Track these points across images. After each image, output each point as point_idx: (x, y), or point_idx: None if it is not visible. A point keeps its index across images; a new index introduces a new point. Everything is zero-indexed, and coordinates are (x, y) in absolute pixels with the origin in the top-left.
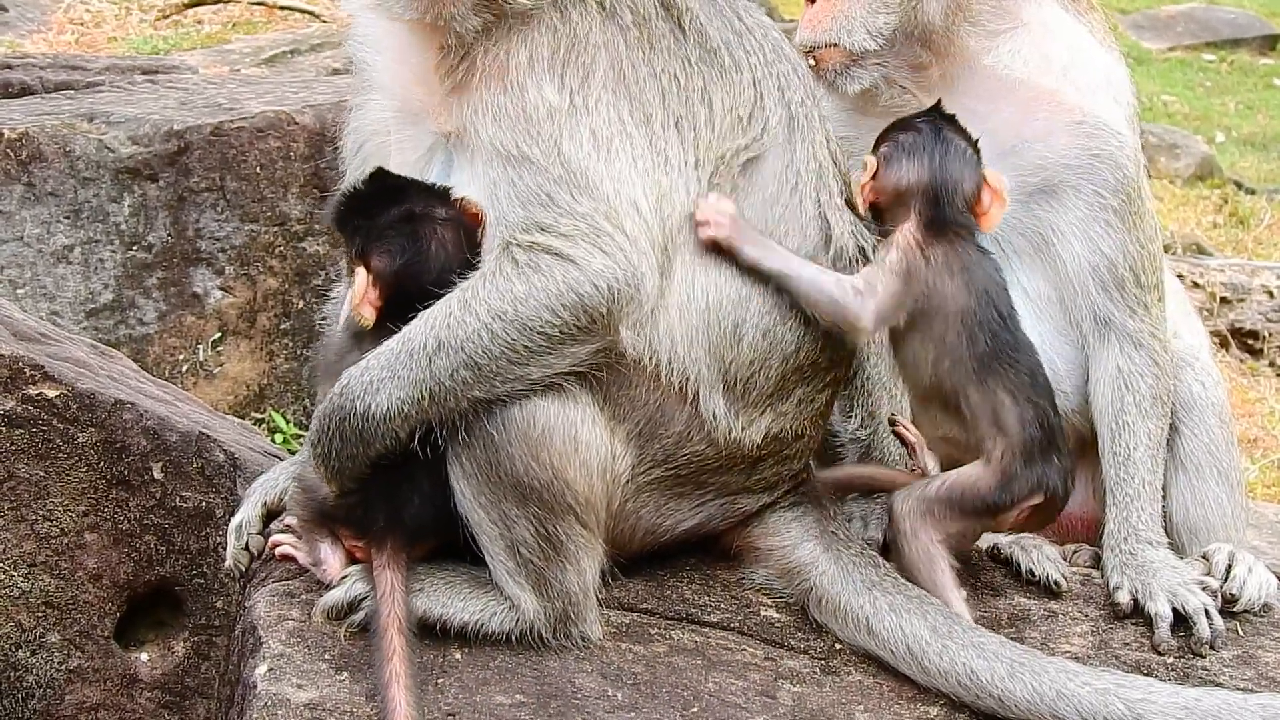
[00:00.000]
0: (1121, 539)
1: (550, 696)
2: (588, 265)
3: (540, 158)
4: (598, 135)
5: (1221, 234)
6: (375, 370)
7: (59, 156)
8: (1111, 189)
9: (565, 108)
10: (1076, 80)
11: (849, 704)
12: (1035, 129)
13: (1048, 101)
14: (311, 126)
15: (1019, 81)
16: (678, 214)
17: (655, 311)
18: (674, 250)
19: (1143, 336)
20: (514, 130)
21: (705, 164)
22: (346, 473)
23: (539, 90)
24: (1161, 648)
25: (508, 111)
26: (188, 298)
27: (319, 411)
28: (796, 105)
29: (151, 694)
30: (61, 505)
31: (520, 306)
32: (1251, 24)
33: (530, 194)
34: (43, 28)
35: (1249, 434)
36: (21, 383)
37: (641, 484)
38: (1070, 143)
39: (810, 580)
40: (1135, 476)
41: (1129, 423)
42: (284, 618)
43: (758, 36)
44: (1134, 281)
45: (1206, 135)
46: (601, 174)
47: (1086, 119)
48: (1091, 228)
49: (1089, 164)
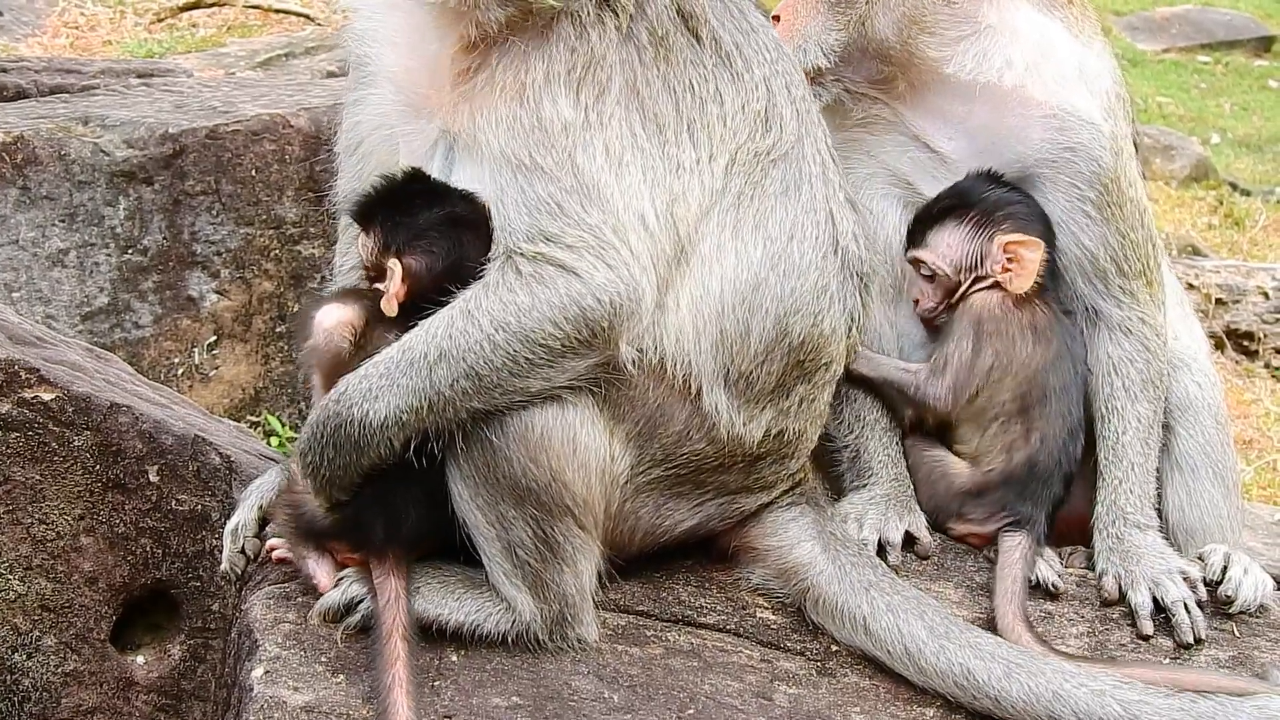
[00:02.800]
0: (1109, 521)
1: (546, 698)
2: (591, 279)
3: (553, 167)
4: (610, 150)
5: (1217, 235)
6: (374, 378)
7: (54, 160)
8: (1087, 181)
9: (580, 122)
10: (1045, 75)
11: (845, 705)
12: (1009, 126)
13: (1017, 100)
14: (307, 129)
15: (986, 85)
16: (694, 211)
17: (662, 309)
18: (691, 246)
19: (1131, 324)
20: (527, 141)
21: (719, 156)
22: (337, 483)
23: (554, 104)
24: (1143, 634)
25: (522, 122)
26: (183, 301)
27: (310, 420)
28: (800, 101)
29: (148, 697)
30: (57, 508)
31: (524, 318)
32: (1246, 25)
33: (539, 202)
34: (37, 31)
35: (1244, 435)
36: (17, 386)
37: (640, 484)
38: (1044, 138)
39: (807, 580)
40: (1124, 459)
41: (1118, 407)
42: (280, 620)
43: (762, 36)
44: (1117, 271)
45: (1201, 137)
46: (613, 187)
47: (1057, 113)
48: (1071, 221)
49: (1063, 157)
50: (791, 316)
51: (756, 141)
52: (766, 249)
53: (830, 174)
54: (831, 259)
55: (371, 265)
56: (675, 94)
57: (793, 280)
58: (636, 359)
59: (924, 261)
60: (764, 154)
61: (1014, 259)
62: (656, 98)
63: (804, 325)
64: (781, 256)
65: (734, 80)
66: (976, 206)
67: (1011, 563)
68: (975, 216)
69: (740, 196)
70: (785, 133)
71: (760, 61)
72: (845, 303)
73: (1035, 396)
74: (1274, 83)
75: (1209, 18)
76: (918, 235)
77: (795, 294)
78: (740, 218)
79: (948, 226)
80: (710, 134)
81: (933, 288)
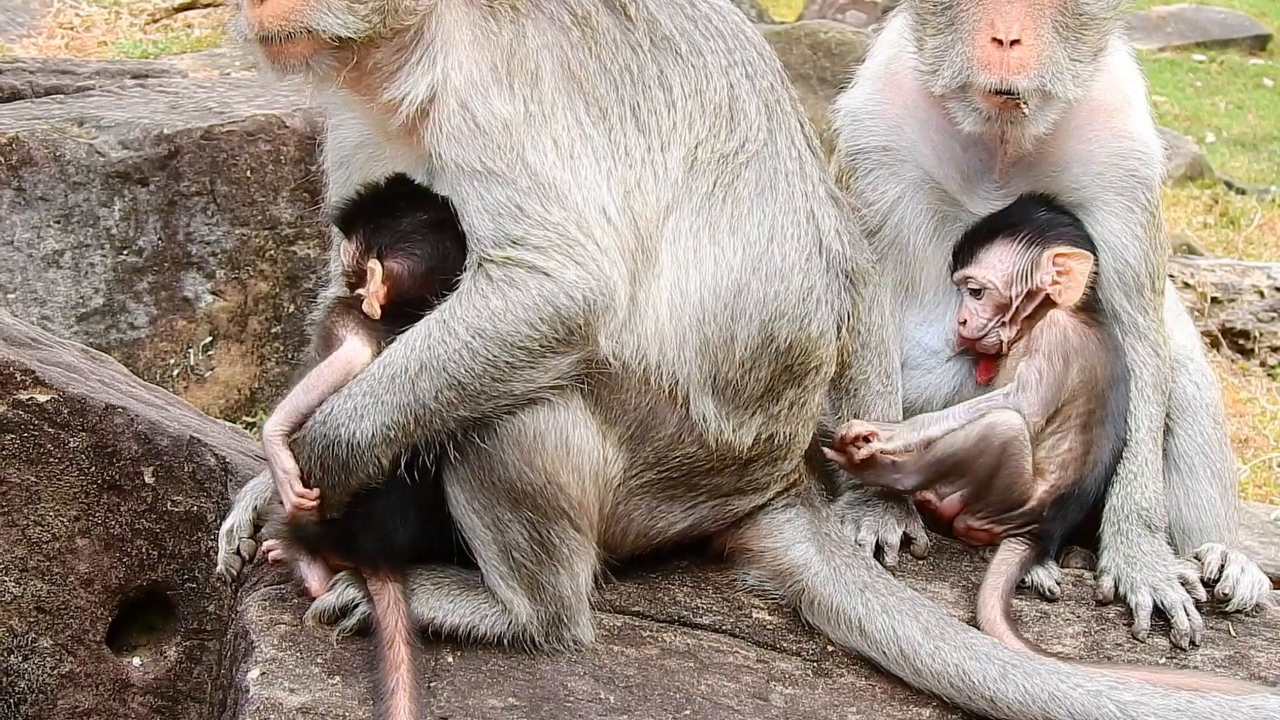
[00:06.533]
0: (1125, 515)
1: (542, 700)
2: (561, 277)
3: (505, 170)
4: (559, 142)
5: (1212, 234)
6: (358, 397)
7: (49, 161)
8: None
9: (521, 117)
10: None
11: (841, 706)
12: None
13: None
14: (302, 130)
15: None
16: (652, 204)
17: (640, 315)
18: (656, 244)
19: (1149, 331)
20: (473, 147)
21: (672, 147)
22: (327, 501)
23: (487, 105)
24: (1139, 636)
25: (462, 130)
26: (178, 302)
27: (297, 440)
28: (767, 92)
29: (143, 699)
30: (53, 510)
31: (498, 322)
32: (1241, 24)
33: (499, 207)
34: (32, 32)
35: (1240, 434)
36: (12, 388)
37: (634, 487)
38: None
39: (803, 581)
40: (1139, 455)
41: (1134, 406)
42: (276, 622)
43: (715, 22)
44: (1151, 287)
45: (1197, 135)
46: (569, 182)
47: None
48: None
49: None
50: (777, 321)
51: (721, 141)
52: (746, 253)
53: (809, 169)
54: (816, 259)
55: (353, 270)
56: (613, 76)
57: (776, 284)
58: (619, 357)
59: (973, 277)
60: (732, 155)
61: (1064, 271)
62: (594, 80)
63: (790, 330)
64: (763, 260)
65: (679, 64)
66: (1027, 225)
67: (1008, 563)
68: (1026, 234)
69: (711, 198)
70: (753, 129)
71: (715, 49)
72: (833, 304)
73: (1099, 416)
74: (1269, 81)
75: (1204, 16)
76: (967, 254)
77: (779, 298)
78: (715, 220)
79: (998, 243)
80: (659, 121)
81: (981, 304)
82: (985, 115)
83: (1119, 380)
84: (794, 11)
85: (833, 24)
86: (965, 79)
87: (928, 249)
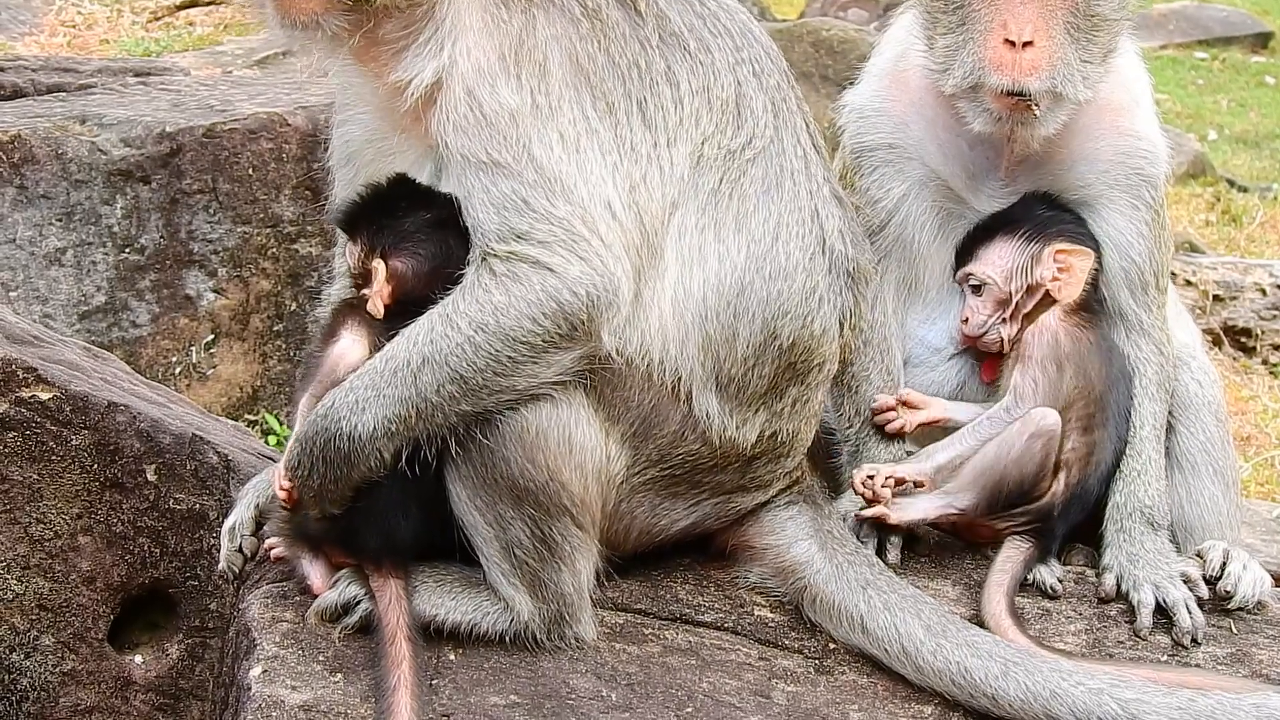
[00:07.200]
0: (1128, 512)
1: (544, 697)
2: (565, 272)
3: (511, 162)
4: (565, 136)
5: (1214, 232)
6: (360, 390)
7: (51, 159)
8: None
9: (528, 108)
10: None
11: (843, 703)
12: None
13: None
14: (304, 128)
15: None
16: (657, 202)
17: (643, 311)
18: (661, 240)
19: (1153, 329)
20: (479, 137)
21: (678, 143)
22: (329, 496)
23: (494, 94)
24: (1141, 634)
25: (468, 119)
26: (180, 300)
27: (297, 434)
28: (774, 90)
29: (145, 696)
30: (55, 508)
31: (501, 317)
32: (1243, 22)
33: (504, 200)
34: (34, 30)
35: (1242, 432)
36: (14, 385)
37: (636, 484)
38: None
39: (805, 579)
40: (1142, 453)
41: (1137, 404)
42: (278, 619)
43: (723, 20)
44: (1155, 285)
45: (1199, 133)
46: (574, 176)
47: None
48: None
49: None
50: (780, 319)
51: (728, 138)
52: (750, 251)
53: (814, 167)
54: (819, 259)
55: (358, 271)
56: (620, 70)
57: (779, 282)
58: (623, 354)
59: (973, 274)
60: (738, 152)
61: (1064, 268)
62: (602, 73)
63: (793, 328)
64: (766, 258)
65: (687, 61)
66: (1029, 222)
67: (1012, 560)
68: (1027, 230)
69: (716, 195)
70: (760, 127)
71: (722, 46)
72: (835, 302)
73: (1099, 419)
74: (1271, 79)
75: (1206, 14)
76: (968, 252)
77: (783, 296)
78: (720, 218)
79: (999, 239)
80: (665, 116)
81: (981, 301)
82: (996, 116)
83: (1116, 381)
84: (796, 9)
85: (835, 21)
86: (977, 79)
87: (932, 247)
